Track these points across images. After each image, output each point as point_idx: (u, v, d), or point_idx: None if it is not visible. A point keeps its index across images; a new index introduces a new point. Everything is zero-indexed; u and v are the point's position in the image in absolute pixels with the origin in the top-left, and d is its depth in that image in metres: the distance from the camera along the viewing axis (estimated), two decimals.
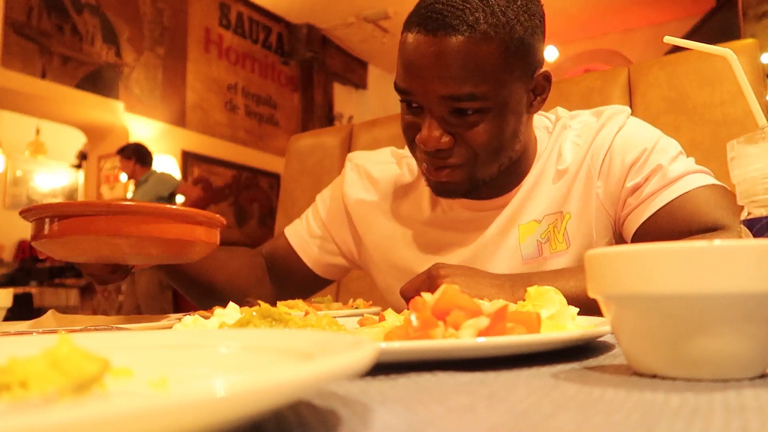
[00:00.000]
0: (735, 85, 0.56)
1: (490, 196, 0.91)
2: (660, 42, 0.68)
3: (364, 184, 1.03)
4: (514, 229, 0.90)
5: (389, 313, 0.53)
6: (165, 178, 3.97)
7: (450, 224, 0.94)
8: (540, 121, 0.96)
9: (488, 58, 0.75)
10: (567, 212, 0.87)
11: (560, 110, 0.97)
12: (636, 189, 0.84)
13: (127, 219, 0.65)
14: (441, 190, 0.86)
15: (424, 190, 0.97)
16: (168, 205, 0.68)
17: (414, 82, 0.78)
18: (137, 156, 3.88)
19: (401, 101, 0.83)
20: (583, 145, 0.89)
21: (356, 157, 1.06)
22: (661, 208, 0.81)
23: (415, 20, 0.77)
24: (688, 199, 0.80)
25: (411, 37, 0.77)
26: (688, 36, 4.37)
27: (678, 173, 0.81)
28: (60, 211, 0.66)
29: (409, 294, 0.76)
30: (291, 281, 1.07)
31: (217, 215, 0.73)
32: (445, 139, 0.79)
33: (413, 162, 1.01)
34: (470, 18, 0.74)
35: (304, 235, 1.07)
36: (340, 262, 1.06)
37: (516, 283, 0.74)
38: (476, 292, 0.70)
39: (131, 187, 4.08)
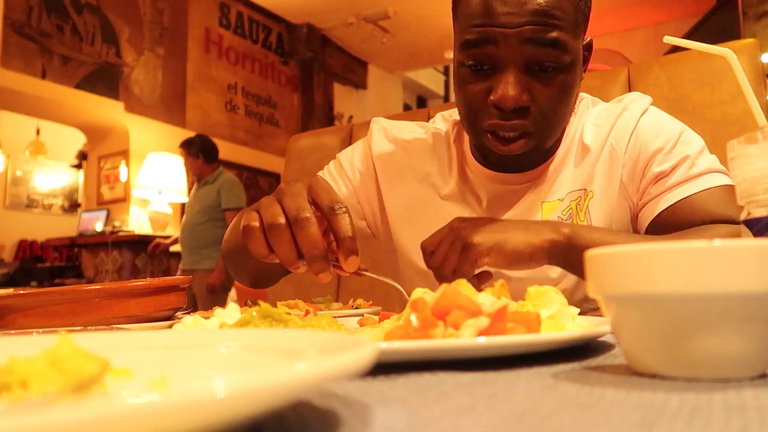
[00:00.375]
0: (735, 85, 0.56)
1: (519, 169, 0.91)
2: (660, 42, 0.68)
3: (391, 145, 1.00)
4: (538, 207, 0.90)
5: (417, 291, 0.48)
6: (236, 187, 3.63)
7: (475, 196, 0.94)
8: None
9: (566, 9, 0.77)
10: (591, 191, 0.88)
11: (583, 94, 0.97)
12: (660, 177, 0.84)
13: (82, 305, 0.64)
14: (506, 164, 0.86)
15: (452, 160, 0.97)
16: (128, 283, 0.66)
17: (496, 33, 0.76)
18: (204, 153, 3.60)
19: (467, 67, 0.81)
20: (604, 125, 0.90)
21: (382, 121, 1.04)
22: (682, 200, 0.82)
23: None
24: (710, 195, 0.81)
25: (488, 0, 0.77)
26: (688, 36, 4.37)
27: (703, 168, 0.83)
28: (14, 303, 0.64)
29: (430, 248, 0.76)
30: None
31: (180, 278, 0.71)
32: (525, 95, 0.78)
33: (441, 131, 1.00)
34: None
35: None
36: (362, 225, 1.03)
37: (543, 226, 0.76)
38: (503, 237, 0.73)
39: (193, 186, 3.76)
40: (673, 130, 0.86)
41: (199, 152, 3.60)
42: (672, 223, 0.82)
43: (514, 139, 0.81)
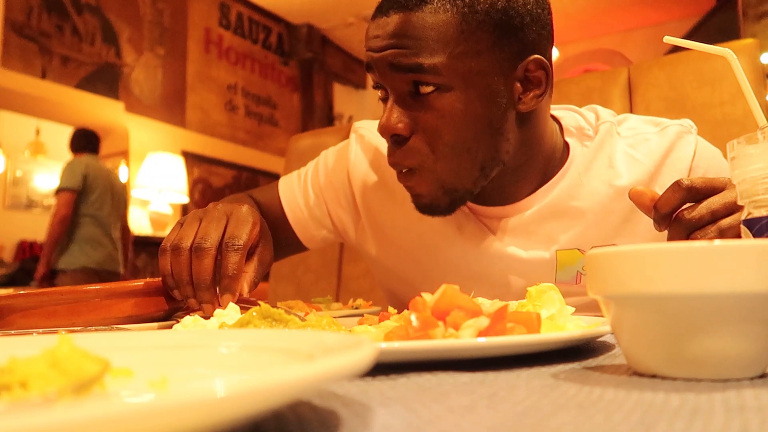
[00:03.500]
0: (735, 85, 0.56)
1: (511, 200, 0.82)
2: (660, 42, 0.68)
3: (370, 158, 0.93)
4: (551, 253, 0.80)
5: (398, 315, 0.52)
6: (66, 168, 3.53)
7: (464, 232, 0.84)
8: (571, 119, 0.85)
9: (441, 27, 0.70)
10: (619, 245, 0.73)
11: (601, 110, 0.86)
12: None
13: (82, 305, 0.63)
14: (421, 206, 0.77)
15: None
16: (128, 283, 0.66)
17: (371, 59, 0.74)
18: (72, 145, 3.57)
19: (379, 98, 0.78)
20: (645, 162, 0.78)
21: (362, 128, 0.96)
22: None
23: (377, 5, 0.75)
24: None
25: (371, 21, 0.75)
26: (688, 36, 4.37)
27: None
28: (14, 303, 0.64)
29: (665, 210, 0.59)
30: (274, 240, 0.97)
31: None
32: (401, 124, 0.72)
33: None
34: None
35: (300, 202, 0.98)
36: (328, 236, 0.99)
37: None
38: None
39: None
40: (724, 170, 0.77)
41: (70, 146, 3.59)
42: None
43: (409, 177, 0.75)
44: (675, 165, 0.79)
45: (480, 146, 0.73)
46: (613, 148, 0.80)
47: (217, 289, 0.64)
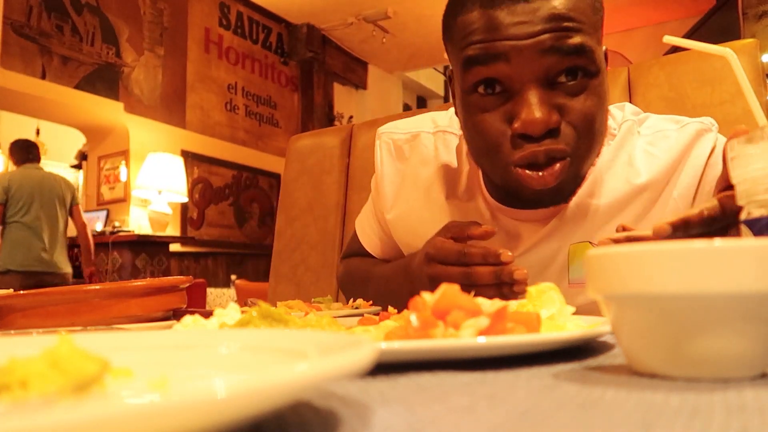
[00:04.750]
0: (735, 85, 0.56)
1: (533, 206, 0.80)
2: (660, 42, 0.68)
3: (395, 164, 0.93)
4: (564, 251, 0.80)
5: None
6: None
7: (483, 220, 0.84)
8: None
9: (586, 11, 0.68)
10: None
11: (628, 107, 0.86)
12: None
13: (82, 305, 0.64)
14: (542, 198, 0.73)
15: (461, 179, 0.87)
16: (128, 283, 0.67)
17: (507, 47, 0.67)
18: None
19: (474, 92, 0.71)
20: (662, 158, 0.79)
21: (386, 133, 0.95)
22: None
23: None
24: None
25: (489, 10, 0.68)
26: (688, 36, 4.37)
27: None
28: (14, 303, 0.64)
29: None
30: None
31: (180, 278, 0.71)
32: (555, 115, 0.68)
33: (452, 141, 0.90)
34: None
35: (374, 239, 1.03)
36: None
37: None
38: None
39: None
40: None
41: (10, 158, 3.82)
42: None
43: (547, 166, 0.70)
44: (692, 162, 0.79)
45: (604, 128, 0.74)
46: (633, 146, 0.81)
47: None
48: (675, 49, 0.78)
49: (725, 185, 0.58)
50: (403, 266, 0.85)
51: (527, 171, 0.70)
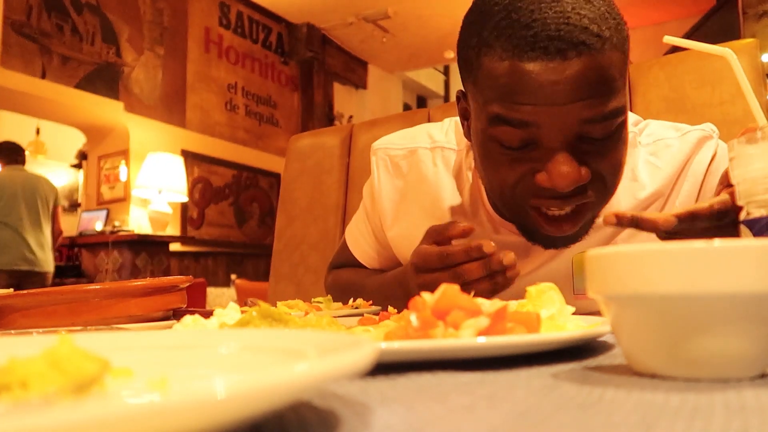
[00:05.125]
0: (735, 85, 0.56)
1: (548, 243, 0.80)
2: (660, 42, 0.68)
3: (393, 180, 0.93)
4: (568, 261, 0.80)
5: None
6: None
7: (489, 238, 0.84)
8: None
9: (618, 64, 0.65)
10: None
11: (630, 116, 0.85)
12: None
13: (82, 305, 0.64)
14: (557, 241, 0.73)
15: (464, 194, 0.87)
16: (128, 283, 0.67)
17: (542, 113, 0.63)
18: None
19: (499, 142, 0.68)
20: (665, 169, 0.79)
21: (381, 148, 0.94)
22: None
23: (521, 44, 0.63)
24: None
25: (521, 62, 0.63)
26: (688, 36, 4.37)
27: None
28: (14, 303, 0.64)
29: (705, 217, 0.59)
30: None
31: (180, 278, 0.71)
32: (585, 171, 0.66)
33: (450, 156, 0.89)
34: (595, 28, 0.62)
35: (370, 251, 1.02)
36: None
37: None
38: None
39: None
40: None
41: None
42: None
43: (568, 217, 0.69)
44: (693, 170, 0.79)
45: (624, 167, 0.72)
46: (636, 159, 0.80)
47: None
48: (675, 49, 0.78)
49: (727, 183, 0.59)
50: (398, 277, 0.84)
51: (543, 219, 0.70)
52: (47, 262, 3.90)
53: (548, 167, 0.66)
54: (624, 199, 0.79)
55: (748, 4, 3.96)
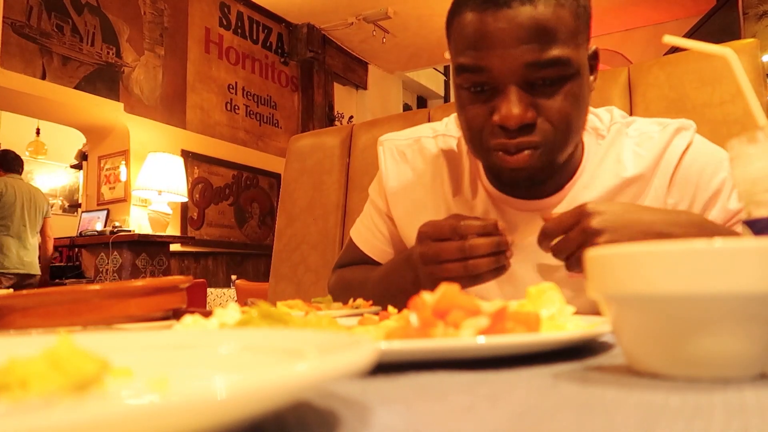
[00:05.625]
0: (735, 85, 0.56)
1: (534, 196, 0.89)
2: (660, 42, 0.68)
3: (398, 165, 1.00)
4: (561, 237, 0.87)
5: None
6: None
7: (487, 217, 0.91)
8: (588, 119, 0.92)
9: (564, 20, 0.75)
10: None
11: (616, 111, 0.94)
12: (736, 213, 0.84)
13: (82, 305, 0.63)
14: (517, 179, 0.82)
15: (464, 176, 0.94)
16: (128, 283, 0.67)
17: (492, 57, 0.75)
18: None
19: (466, 88, 0.80)
20: (647, 156, 0.86)
21: (388, 140, 1.03)
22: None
23: (479, 0, 0.76)
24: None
25: (478, 14, 0.75)
26: (688, 36, 4.37)
27: (736, 208, 0.83)
28: (14, 303, 0.64)
29: (555, 232, 0.72)
30: None
31: (180, 278, 0.71)
32: (530, 112, 0.76)
33: (451, 142, 0.97)
34: None
35: (379, 244, 1.05)
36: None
37: (673, 222, 0.73)
38: (631, 231, 0.69)
39: None
40: (725, 164, 0.84)
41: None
42: None
43: (523, 149, 0.79)
44: (668, 155, 0.86)
45: (581, 123, 0.82)
46: (622, 146, 0.89)
47: None
48: (675, 49, 0.79)
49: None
50: (405, 254, 0.90)
51: (502, 154, 0.80)
52: (37, 266, 4.24)
53: (498, 106, 0.77)
54: (608, 177, 0.87)
55: (748, 4, 3.96)
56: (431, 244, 0.76)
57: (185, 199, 4.82)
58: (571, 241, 0.71)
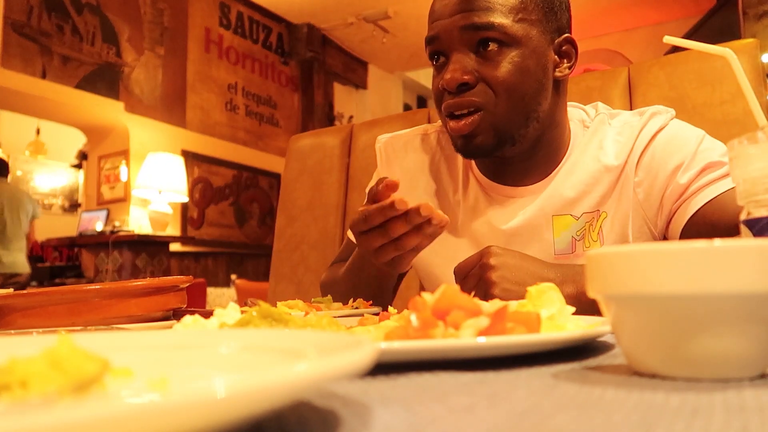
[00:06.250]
0: (735, 85, 0.56)
1: (522, 182, 0.94)
2: (660, 42, 0.68)
3: (394, 163, 1.05)
4: (548, 221, 0.91)
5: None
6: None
7: (480, 208, 0.96)
8: (576, 113, 0.98)
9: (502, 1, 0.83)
10: (604, 211, 0.89)
11: (601, 105, 0.98)
12: (686, 187, 0.84)
13: (82, 305, 0.63)
14: (468, 145, 0.87)
15: (458, 167, 0.99)
16: (128, 283, 0.66)
17: (438, 26, 0.86)
18: None
19: (432, 62, 0.89)
20: (625, 142, 0.90)
21: (385, 139, 1.08)
22: (710, 202, 0.81)
23: None
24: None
25: (434, 3, 0.88)
26: (688, 36, 4.37)
27: (727, 170, 0.81)
28: (14, 303, 0.64)
29: (460, 274, 0.79)
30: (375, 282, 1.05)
31: (180, 278, 0.71)
32: (467, 76, 0.83)
33: (446, 137, 1.02)
34: None
35: None
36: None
37: (566, 278, 0.75)
38: (522, 288, 0.70)
39: None
40: (691, 142, 0.85)
41: None
42: (705, 228, 0.81)
43: (466, 114, 0.85)
44: (641, 139, 0.89)
45: (528, 96, 0.86)
46: (604, 134, 0.93)
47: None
48: (675, 49, 0.79)
49: None
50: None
51: (450, 119, 0.87)
52: (23, 265, 4.39)
53: (444, 72, 0.86)
54: (590, 162, 0.91)
55: (748, 4, 3.95)
56: (362, 238, 0.79)
57: (185, 199, 4.82)
58: (472, 279, 0.77)
